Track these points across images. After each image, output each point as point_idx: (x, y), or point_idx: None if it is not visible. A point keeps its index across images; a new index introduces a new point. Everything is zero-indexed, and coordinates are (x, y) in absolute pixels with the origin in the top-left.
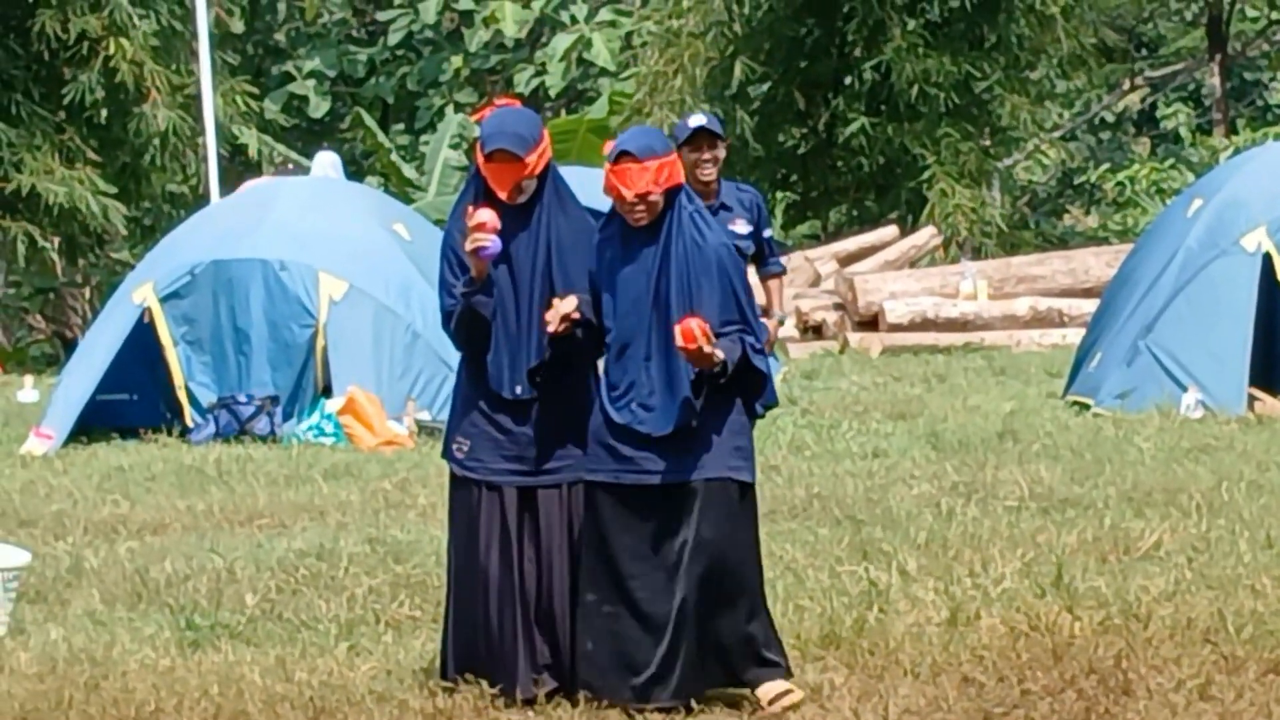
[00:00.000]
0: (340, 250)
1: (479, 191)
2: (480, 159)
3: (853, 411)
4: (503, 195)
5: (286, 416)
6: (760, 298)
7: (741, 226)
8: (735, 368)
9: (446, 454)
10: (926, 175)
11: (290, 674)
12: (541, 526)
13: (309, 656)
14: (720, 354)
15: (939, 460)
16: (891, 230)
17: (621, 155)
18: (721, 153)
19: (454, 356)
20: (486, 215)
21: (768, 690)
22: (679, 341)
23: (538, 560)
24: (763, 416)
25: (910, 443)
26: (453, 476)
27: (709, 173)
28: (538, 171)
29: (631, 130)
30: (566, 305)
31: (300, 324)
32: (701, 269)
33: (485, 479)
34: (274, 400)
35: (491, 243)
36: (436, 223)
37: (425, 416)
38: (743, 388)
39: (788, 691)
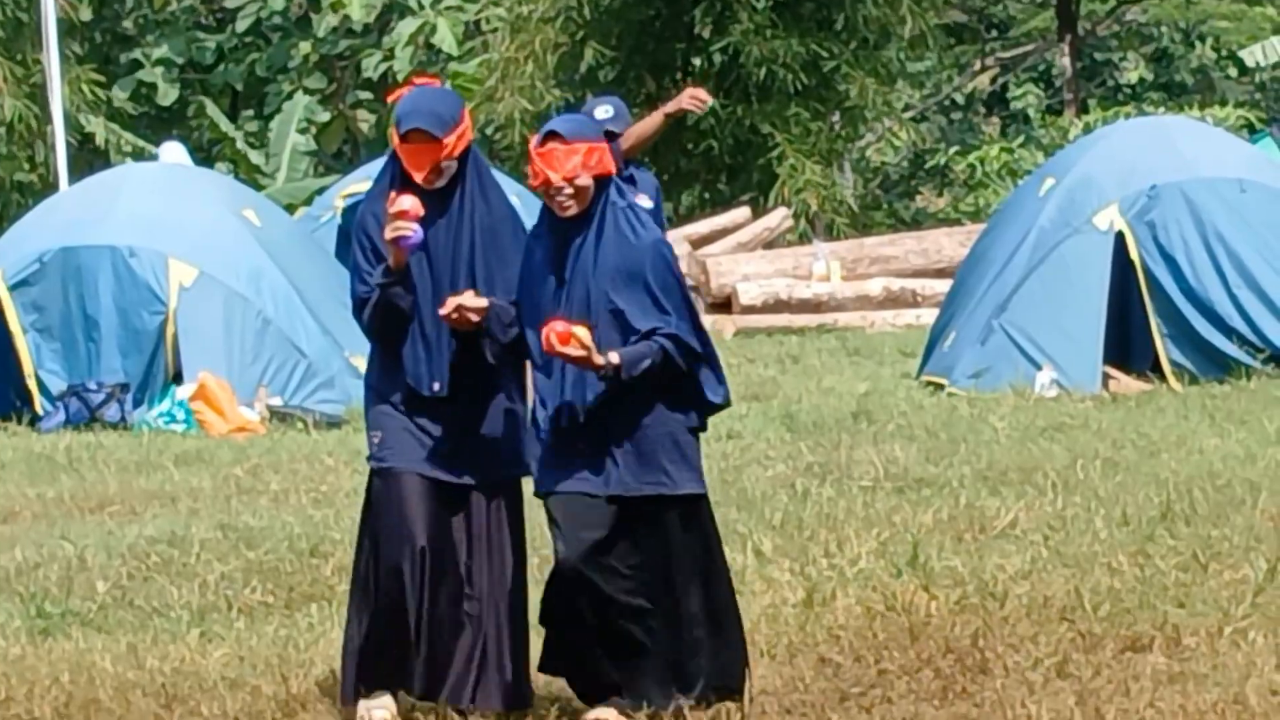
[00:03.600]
0: (190, 236)
1: (396, 175)
2: (396, 140)
3: None
4: (419, 178)
5: (137, 403)
6: None
7: (645, 201)
8: (646, 372)
9: (370, 456)
10: (776, 153)
11: (142, 661)
12: (452, 527)
13: (161, 643)
14: (612, 358)
15: (794, 441)
16: (744, 212)
17: (549, 136)
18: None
19: (305, 341)
20: (409, 202)
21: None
22: (544, 344)
23: (442, 562)
24: (702, 429)
25: (765, 424)
26: (371, 473)
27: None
28: (457, 153)
29: (560, 116)
30: (471, 300)
31: (150, 310)
32: (635, 266)
33: (402, 466)
34: (124, 387)
35: (414, 232)
36: (287, 207)
37: (277, 402)
38: (679, 393)
39: None
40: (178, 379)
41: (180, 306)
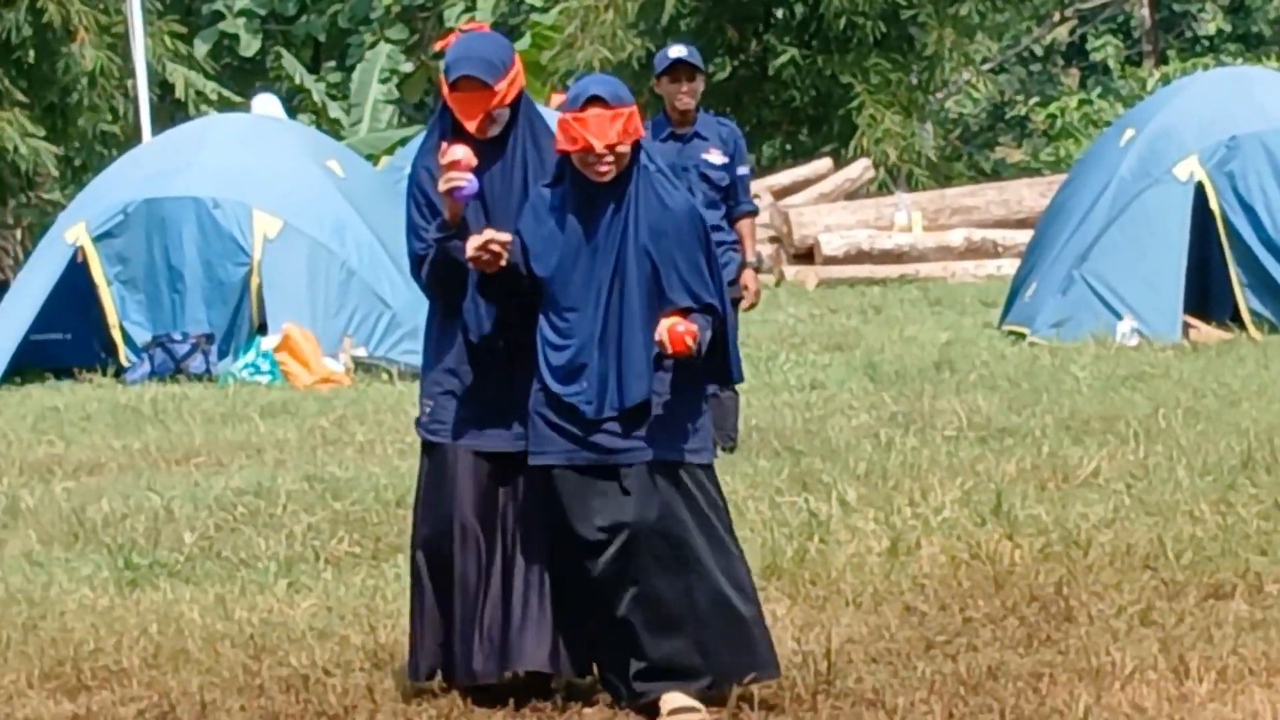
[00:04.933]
0: (274, 188)
1: (447, 126)
2: (445, 89)
3: (790, 344)
4: (471, 127)
5: (222, 354)
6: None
7: (716, 156)
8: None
9: (418, 421)
10: (855, 104)
11: (230, 612)
12: (507, 495)
13: (248, 594)
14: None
15: (876, 391)
16: (825, 163)
17: (591, 100)
18: (699, 85)
19: (390, 292)
20: (461, 152)
21: (669, 701)
22: (668, 348)
23: (504, 531)
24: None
25: (848, 374)
26: (422, 444)
27: (686, 103)
28: (509, 100)
29: (592, 76)
30: (501, 235)
31: (235, 262)
32: (673, 238)
33: (452, 442)
34: (209, 338)
35: (468, 182)
36: (369, 157)
37: (361, 353)
38: (707, 367)
39: (690, 710)
40: (262, 330)
41: (265, 258)
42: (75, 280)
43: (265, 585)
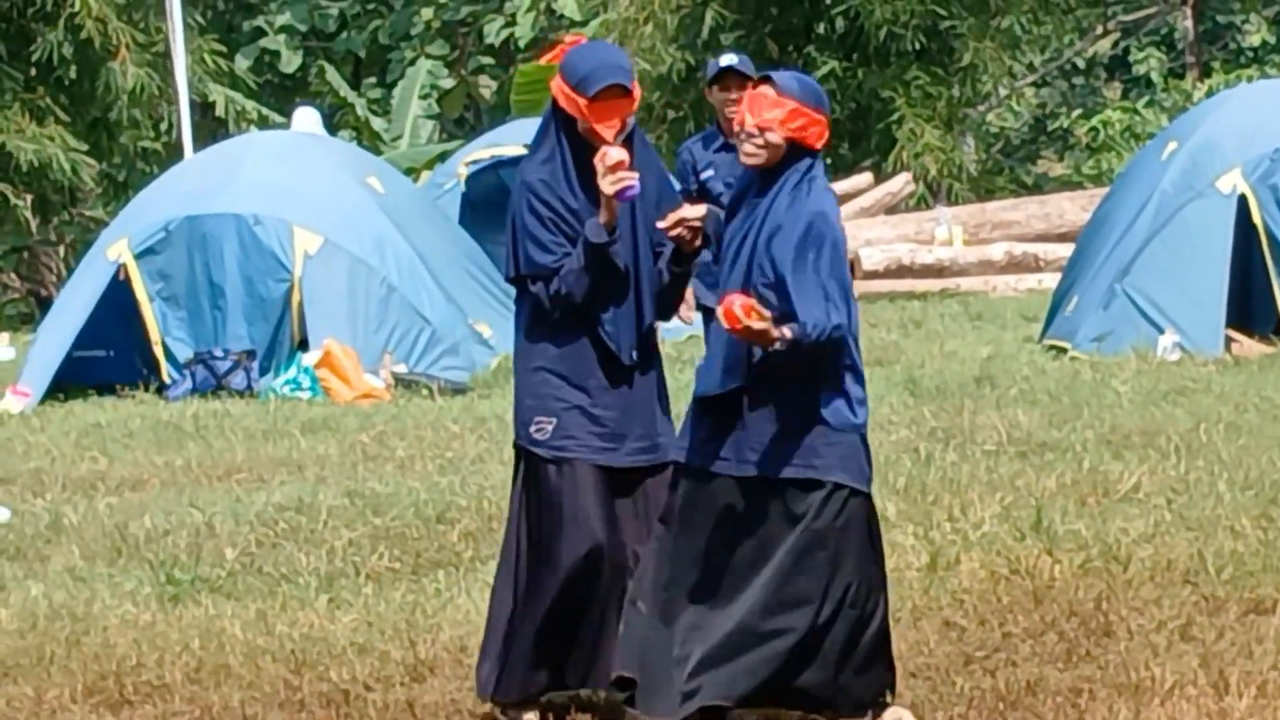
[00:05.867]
0: (314, 204)
1: (564, 135)
2: (581, 102)
3: None
4: (612, 135)
5: (263, 371)
6: None
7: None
8: (807, 350)
9: (522, 439)
10: (896, 117)
11: (271, 627)
12: (639, 512)
13: (289, 609)
14: (786, 332)
15: (917, 405)
16: (866, 178)
17: (764, 79)
18: None
19: (430, 308)
20: (622, 153)
21: None
22: (724, 324)
23: (620, 555)
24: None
25: (888, 389)
26: (531, 460)
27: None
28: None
29: (789, 71)
30: (691, 211)
31: (275, 278)
32: (791, 238)
33: (583, 457)
34: (250, 355)
35: (635, 180)
36: (407, 171)
37: (402, 369)
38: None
39: None
40: (303, 346)
41: (305, 274)
42: (117, 297)
43: (306, 601)
